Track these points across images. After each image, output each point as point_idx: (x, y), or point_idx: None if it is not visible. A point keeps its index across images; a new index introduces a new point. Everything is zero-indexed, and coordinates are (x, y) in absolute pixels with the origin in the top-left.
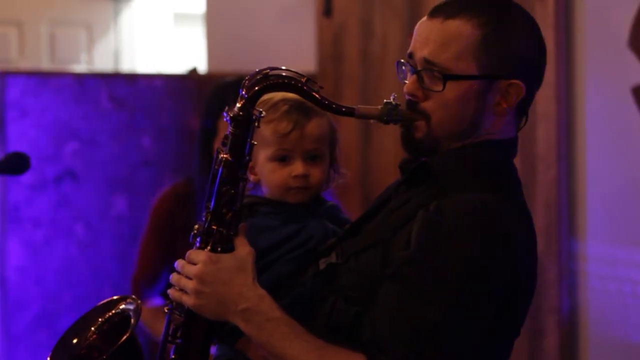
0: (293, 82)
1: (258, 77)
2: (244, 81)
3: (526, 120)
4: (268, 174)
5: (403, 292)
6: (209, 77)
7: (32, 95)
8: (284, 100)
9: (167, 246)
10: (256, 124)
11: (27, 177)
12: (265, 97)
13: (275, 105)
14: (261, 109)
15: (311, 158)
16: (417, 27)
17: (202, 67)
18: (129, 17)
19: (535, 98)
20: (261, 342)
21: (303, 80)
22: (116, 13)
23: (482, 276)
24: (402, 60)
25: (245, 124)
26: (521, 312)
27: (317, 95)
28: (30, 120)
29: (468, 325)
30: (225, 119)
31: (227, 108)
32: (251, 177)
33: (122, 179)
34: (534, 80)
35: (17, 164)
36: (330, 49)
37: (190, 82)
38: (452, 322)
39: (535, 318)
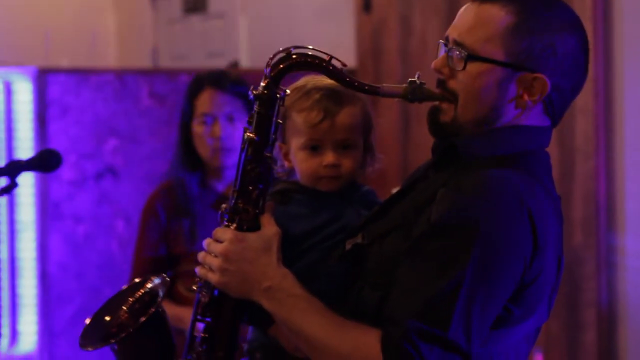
0: (317, 61)
1: (282, 56)
2: (268, 60)
3: (555, 121)
4: (300, 162)
5: (414, 265)
6: (249, 73)
7: (72, 92)
8: (316, 89)
9: (160, 244)
10: (280, 102)
11: (68, 174)
12: (299, 83)
13: (307, 93)
14: (285, 88)
15: (342, 147)
16: (459, 12)
17: (244, 63)
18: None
19: None
20: (282, 319)
21: (327, 58)
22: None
23: (497, 250)
24: (441, 41)
25: (270, 103)
26: (541, 293)
27: (341, 74)
28: (70, 118)
29: (479, 298)
30: (250, 98)
31: (251, 87)
32: (286, 164)
33: (162, 176)
34: (563, 79)
35: (48, 160)
36: (370, 44)
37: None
38: (462, 293)
39: (574, 311)
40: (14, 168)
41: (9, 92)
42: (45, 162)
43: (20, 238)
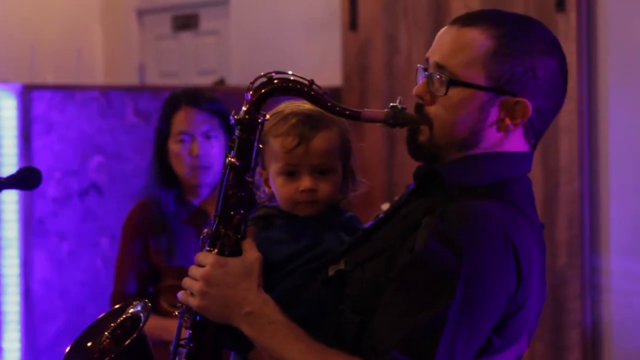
0: (298, 86)
1: (263, 81)
2: (249, 84)
3: (535, 144)
4: (278, 187)
5: (400, 296)
6: (235, 90)
7: (57, 109)
8: (293, 114)
9: (141, 260)
10: (261, 127)
11: (52, 191)
12: (278, 108)
13: (284, 118)
14: (266, 113)
15: (319, 172)
16: (437, 34)
17: (234, 80)
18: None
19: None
20: (263, 345)
21: (308, 83)
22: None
23: (481, 282)
24: (420, 66)
25: (251, 128)
26: (523, 324)
27: (322, 99)
28: (55, 134)
29: (463, 331)
30: (231, 123)
31: (233, 112)
32: (266, 189)
33: (139, 193)
34: (544, 101)
35: (29, 178)
36: (356, 62)
37: (217, 95)
38: (447, 326)
39: (558, 332)
40: None
41: None
42: (25, 179)
43: (4, 255)
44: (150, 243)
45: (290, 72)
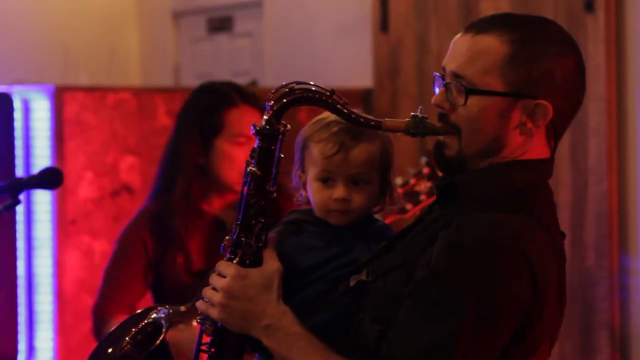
0: (318, 96)
1: (284, 90)
2: (270, 94)
3: (554, 148)
4: (313, 193)
5: (417, 310)
6: (267, 92)
7: (89, 110)
8: (336, 122)
9: (136, 276)
10: (282, 137)
11: (84, 191)
12: (321, 115)
13: (327, 125)
14: (287, 123)
15: (354, 182)
16: (452, 41)
17: (267, 82)
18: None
19: (586, 112)
20: (281, 357)
21: (328, 93)
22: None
23: (497, 297)
24: (437, 74)
25: (272, 137)
26: (540, 336)
27: (343, 109)
28: (87, 136)
29: (479, 347)
30: (252, 133)
31: (253, 122)
32: (303, 193)
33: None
34: (564, 102)
35: (50, 178)
36: (387, 64)
37: None
38: (463, 342)
39: (587, 333)
40: (16, 186)
41: (27, 109)
42: (47, 179)
43: (37, 255)
44: (157, 254)
45: (311, 83)
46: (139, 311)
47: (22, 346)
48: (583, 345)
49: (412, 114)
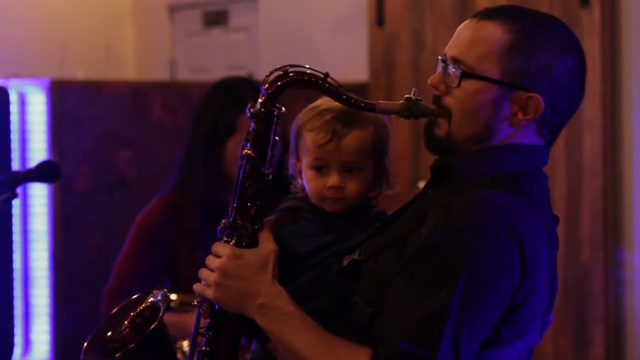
0: (313, 79)
1: (279, 74)
2: (264, 77)
3: (552, 140)
4: (307, 181)
5: (407, 287)
6: None
7: (86, 104)
8: (328, 110)
9: (153, 262)
10: (277, 120)
11: (81, 185)
12: (314, 103)
13: (320, 113)
14: (282, 106)
15: (348, 170)
16: (457, 29)
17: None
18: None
19: (581, 107)
20: (274, 336)
21: (322, 76)
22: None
23: (484, 272)
24: (439, 57)
25: (267, 121)
26: (531, 315)
27: (337, 92)
28: (83, 129)
29: (467, 321)
30: (246, 116)
31: (249, 105)
32: (299, 181)
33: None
34: (559, 99)
35: (48, 172)
36: (383, 58)
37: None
38: (454, 317)
39: (581, 327)
40: (13, 179)
41: (23, 103)
42: (45, 173)
43: (34, 248)
44: (172, 244)
45: (306, 66)
46: (136, 295)
47: (18, 339)
48: (578, 338)
49: (405, 96)
